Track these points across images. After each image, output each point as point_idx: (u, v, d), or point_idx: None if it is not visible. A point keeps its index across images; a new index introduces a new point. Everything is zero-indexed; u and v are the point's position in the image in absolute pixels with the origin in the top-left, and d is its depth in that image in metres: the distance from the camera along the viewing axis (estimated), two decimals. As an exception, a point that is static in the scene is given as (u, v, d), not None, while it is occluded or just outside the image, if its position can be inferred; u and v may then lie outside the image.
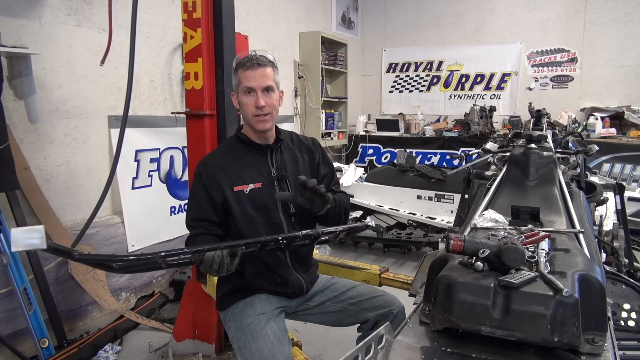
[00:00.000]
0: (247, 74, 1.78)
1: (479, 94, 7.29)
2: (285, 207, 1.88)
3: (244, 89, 1.80)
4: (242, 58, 1.81)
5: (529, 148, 1.84)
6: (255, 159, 1.88)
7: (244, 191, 1.82)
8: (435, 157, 6.80)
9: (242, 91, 1.80)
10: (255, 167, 1.87)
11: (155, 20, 3.94)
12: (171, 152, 4.11)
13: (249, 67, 1.78)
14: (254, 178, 1.84)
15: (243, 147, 1.90)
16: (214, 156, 1.93)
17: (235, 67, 1.83)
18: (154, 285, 3.96)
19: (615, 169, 5.53)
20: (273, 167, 1.89)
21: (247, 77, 1.78)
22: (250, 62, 1.78)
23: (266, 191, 1.85)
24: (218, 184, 1.81)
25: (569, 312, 0.99)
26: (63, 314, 3.13)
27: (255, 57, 1.80)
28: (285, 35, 5.94)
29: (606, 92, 6.43)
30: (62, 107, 3.25)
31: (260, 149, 1.90)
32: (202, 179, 1.83)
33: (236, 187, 1.81)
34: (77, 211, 3.37)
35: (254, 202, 1.83)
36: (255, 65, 1.78)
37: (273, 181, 1.87)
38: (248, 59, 1.80)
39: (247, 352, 1.71)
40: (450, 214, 4.52)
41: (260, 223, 1.83)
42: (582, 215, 1.65)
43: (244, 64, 1.79)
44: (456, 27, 7.32)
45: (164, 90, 4.08)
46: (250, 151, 1.89)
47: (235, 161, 1.86)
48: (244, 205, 1.82)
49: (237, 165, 1.85)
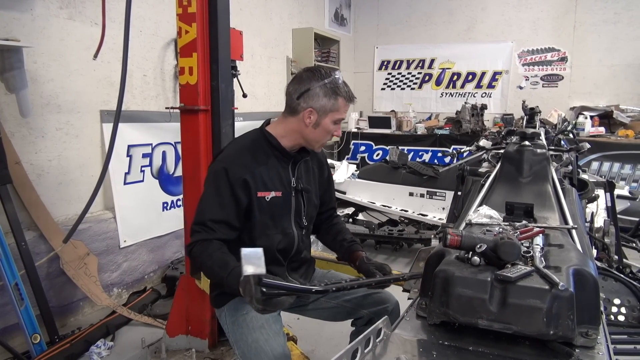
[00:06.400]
0: (346, 106, 1.78)
1: (470, 92, 7.33)
2: (298, 219, 1.87)
3: (336, 118, 1.76)
4: (344, 86, 1.76)
5: (522, 145, 1.87)
6: (279, 166, 1.81)
7: (266, 198, 1.76)
8: (426, 154, 6.83)
9: (332, 118, 1.75)
10: (277, 174, 1.80)
11: (148, 14, 3.91)
12: (163, 148, 4.09)
13: (348, 100, 1.77)
14: (275, 186, 1.79)
15: (270, 149, 1.81)
16: (240, 155, 1.77)
17: (335, 90, 1.73)
18: (145, 281, 3.94)
19: (603, 168, 5.60)
20: (293, 177, 1.85)
21: (345, 108, 1.78)
22: (351, 96, 1.78)
23: (283, 201, 1.82)
24: (246, 186, 1.72)
25: (565, 306, 1.01)
26: (54, 309, 3.11)
27: (351, 92, 1.80)
28: (278, 31, 5.93)
29: (595, 91, 6.50)
30: (53, 101, 3.22)
31: (286, 156, 1.83)
32: (229, 177, 1.71)
33: (260, 193, 1.75)
34: (69, 206, 3.35)
35: (272, 211, 1.79)
36: (353, 100, 1.79)
37: (291, 191, 1.84)
38: (350, 92, 1.79)
39: (244, 344, 1.71)
40: (442, 211, 4.56)
41: (275, 233, 1.81)
42: (575, 212, 1.68)
43: (348, 95, 1.76)
44: (448, 25, 7.35)
45: (157, 85, 4.05)
46: (276, 156, 1.81)
47: (261, 164, 1.77)
48: (263, 213, 1.77)
49: (262, 169, 1.77)
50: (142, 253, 3.90)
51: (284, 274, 1.87)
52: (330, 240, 2.08)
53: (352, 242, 2.02)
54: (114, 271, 3.67)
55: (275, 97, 5.94)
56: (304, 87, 1.73)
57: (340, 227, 2.10)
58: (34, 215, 3.09)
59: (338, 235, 2.06)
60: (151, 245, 3.98)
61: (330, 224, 2.11)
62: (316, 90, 1.71)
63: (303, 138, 1.80)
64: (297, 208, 1.87)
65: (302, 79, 1.76)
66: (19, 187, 3.00)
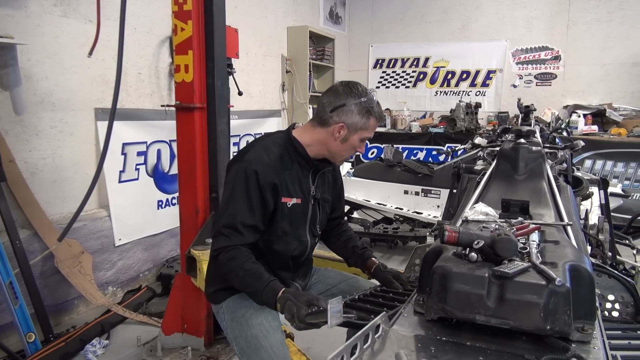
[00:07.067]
0: (376, 126, 1.79)
1: (464, 90, 7.35)
2: (312, 227, 1.88)
3: (364, 136, 1.77)
4: (378, 106, 1.76)
5: (518, 143, 1.88)
6: (301, 173, 1.80)
7: (287, 204, 1.76)
8: (421, 152, 6.85)
9: (360, 136, 1.76)
10: (299, 181, 1.79)
11: (143, 12, 3.89)
12: (158, 146, 4.08)
13: (379, 120, 1.79)
14: (297, 193, 1.78)
15: (295, 155, 1.79)
16: (269, 159, 1.73)
17: (370, 110, 1.72)
18: (140, 279, 3.93)
19: (596, 166, 5.65)
20: (313, 186, 1.85)
21: (374, 128, 1.79)
22: (382, 117, 1.82)
23: (302, 209, 1.82)
24: (275, 190, 1.71)
25: (561, 301, 1.02)
26: (49, 308, 3.09)
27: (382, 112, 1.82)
28: (273, 29, 5.92)
29: (588, 90, 6.55)
30: (48, 99, 3.20)
31: (310, 164, 1.82)
32: (259, 181, 1.67)
33: (284, 198, 1.74)
34: (63, 204, 3.33)
35: (292, 218, 1.79)
36: (383, 121, 1.82)
37: (310, 200, 1.84)
38: (382, 112, 1.80)
39: (243, 340, 1.72)
40: (437, 209, 4.58)
41: (292, 240, 1.81)
42: (570, 209, 1.70)
43: (379, 115, 1.77)
44: (442, 24, 7.37)
45: (152, 83, 4.04)
46: (300, 163, 1.79)
47: (286, 169, 1.76)
48: (284, 219, 1.76)
49: (287, 174, 1.75)
50: (137, 251, 3.89)
51: (289, 279, 1.89)
52: (341, 247, 2.10)
53: (364, 249, 2.05)
54: (109, 269, 3.66)
55: (270, 95, 5.93)
56: (340, 102, 1.71)
57: (350, 234, 2.12)
58: (28, 213, 3.08)
59: (349, 242, 2.08)
60: (146, 243, 3.97)
61: (340, 231, 2.12)
62: (351, 107, 1.70)
63: (328, 150, 1.79)
64: (312, 216, 1.87)
65: (338, 92, 1.74)
66: (13, 186, 2.99)
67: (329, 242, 2.15)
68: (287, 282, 1.85)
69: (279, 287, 1.58)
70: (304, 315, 1.42)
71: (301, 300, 1.47)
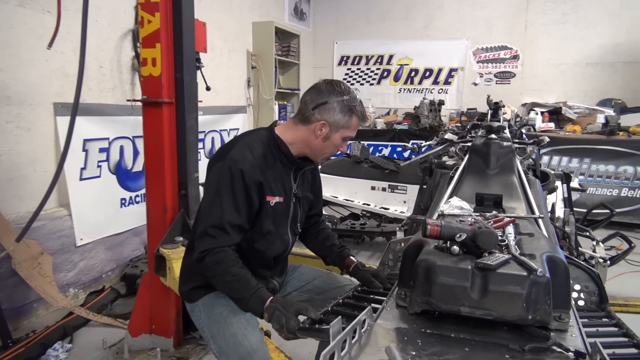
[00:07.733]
0: (358, 125, 1.76)
1: (427, 88, 7.49)
2: (293, 225, 1.87)
3: (346, 135, 1.74)
4: (360, 105, 1.74)
5: (489, 138, 1.92)
6: (283, 171, 1.79)
7: (271, 203, 1.74)
8: (386, 149, 6.92)
9: (342, 134, 1.74)
10: (281, 180, 1.78)
11: (104, 4, 3.75)
12: (121, 142, 3.95)
13: (361, 120, 1.75)
14: (279, 191, 1.77)
15: (277, 153, 1.77)
16: (253, 157, 1.70)
17: (352, 108, 1.71)
18: (103, 280, 3.80)
19: (553, 161, 5.86)
20: (295, 184, 1.84)
21: (356, 127, 1.75)
22: (365, 116, 1.77)
23: (284, 207, 1.80)
24: (260, 188, 1.69)
25: (542, 291, 1.05)
26: (7, 312, 2.93)
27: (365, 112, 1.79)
28: (238, 24, 5.84)
29: (545, 88, 6.80)
30: (3, 92, 3.03)
31: (292, 163, 1.80)
32: (245, 179, 1.64)
33: (268, 197, 1.73)
34: (21, 203, 3.18)
35: (274, 216, 1.77)
36: (365, 120, 1.80)
37: (292, 198, 1.82)
38: (365, 112, 1.77)
39: (221, 338, 1.69)
40: (403, 204, 4.64)
41: (274, 238, 1.80)
42: (540, 202, 1.75)
43: (362, 115, 1.75)
44: (406, 22, 7.47)
45: (114, 77, 3.90)
46: (282, 161, 1.78)
47: (270, 167, 1.74)
48: (267, 217, 1.75)
49: (270, 172, 1.74)
50: (99, 251, 3.76)
51: (268, 277, 1.87)
52: (319, 246, 2.08)
53: (342, 248, 2.04)
54: (70, 270, 3.52)
55: (236, 91, 5.85)
56: (322, 100, 1.70)
57: (327, 232, 2.10)
58: (-17, 213, 2.92)
59: (326, 240, 2.07)
60: (109, 243, 3.84)
61: (317, 229, 2.10)
62: (333, 104, 1.69)
63: (309, 148, 1.77)
64: (294, 215, 1.86)
65: (321, 90, 1.72)
66: (-34, 184, 2.83)
67: (306, 241, 2.13)
68: (266, 279, 1.84)
69: (266, 295, 1.56)
70: (294, 328, 1.40)
71: (290, 310, 1.45)
